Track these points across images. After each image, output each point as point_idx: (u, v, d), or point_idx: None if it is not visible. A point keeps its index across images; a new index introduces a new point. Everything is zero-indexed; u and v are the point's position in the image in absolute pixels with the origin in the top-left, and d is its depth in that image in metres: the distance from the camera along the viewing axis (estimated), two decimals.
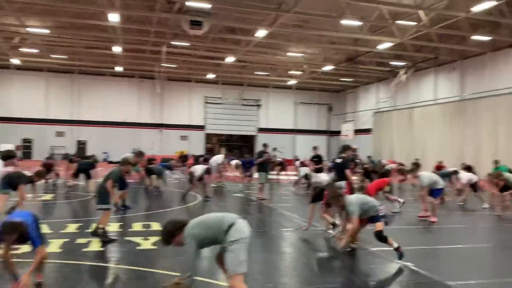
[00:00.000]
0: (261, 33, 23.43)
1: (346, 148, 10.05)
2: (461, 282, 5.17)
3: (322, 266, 6.20)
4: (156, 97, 38.73)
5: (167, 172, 15.93)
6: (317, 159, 15.40)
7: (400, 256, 5.96)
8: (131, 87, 39.05)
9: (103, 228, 7.03)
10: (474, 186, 12.43)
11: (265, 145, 13.69)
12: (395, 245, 6.03)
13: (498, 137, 24.69)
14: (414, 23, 21.87)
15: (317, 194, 8.05)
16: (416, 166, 10.83)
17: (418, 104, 32.18)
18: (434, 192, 9.91)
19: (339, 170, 9.53)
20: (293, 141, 42.47)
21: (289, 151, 39.19)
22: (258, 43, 26.71)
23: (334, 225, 7.69)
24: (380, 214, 6.22)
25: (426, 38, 24.82)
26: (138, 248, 6.70)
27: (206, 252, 4.35)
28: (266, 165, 13.51)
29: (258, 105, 42.28)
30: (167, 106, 39.72)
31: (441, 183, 10.05)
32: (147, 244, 6.89)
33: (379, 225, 6.15)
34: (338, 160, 9.79)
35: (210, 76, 37.38)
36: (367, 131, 38.05)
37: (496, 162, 16.44)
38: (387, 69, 33.09)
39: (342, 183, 9.25)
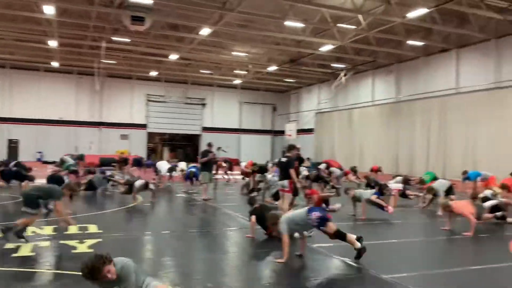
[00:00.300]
0: (205, 31, 23.25)
1: (291, 147, 10.18)
2: (394, 275, 5.42)
3: (265, 265, 6.24)
4: (95, 94, 37.19)
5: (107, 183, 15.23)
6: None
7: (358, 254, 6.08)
8: (68, 84, 37.22)
9: (20, 227, 6.74)
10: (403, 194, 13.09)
11: (209, 144, 13.56)
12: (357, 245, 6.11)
13: (430, 138, 26.23)
14: (353, 27, 22.66)
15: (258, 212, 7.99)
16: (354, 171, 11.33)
17: (357, 105, 33.42)
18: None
19: (284, 169, 9.64)
20: (238, 140, 42.59)
21: (234, 151, 39.31)
22: (202, 41, 26.48)
23: None
24: (314, 224, 6.15)
25: (365, 41, 25.82)
26: (73, 251, 6.41)
27: None
28: (210, 165, 13.42)
29: (203, 104, 41.94)
30: (106, 103, 38.27)
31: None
32: (83, 247, 6.61)
33: (331, 226, 6.18)
34: (283, 159, 9.92)
35: (153, 73, 36.52)
36: (309, 131, 38.98)
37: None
38: (329, 71, 34.06)
39: (285, 182, 9.38)
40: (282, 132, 41.66)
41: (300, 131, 39.25)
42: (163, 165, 17.62)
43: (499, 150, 21.33)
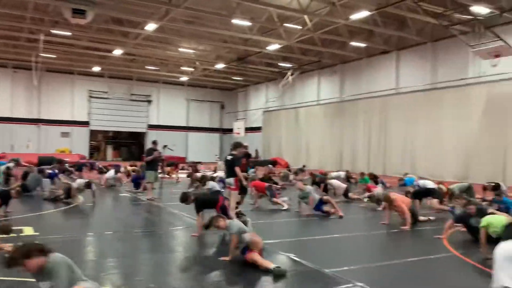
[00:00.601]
0: (150, 26, 22.73)
1: (237, 145, 10.14)
2: (336, 269, 5.58)
3: (210, 263, 6.20)
4: (33, 89, 35.14)
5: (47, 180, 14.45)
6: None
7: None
8: (3, 78, 35.01)
9: None
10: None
11: (154, 142, 13.24)
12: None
13: (371, 136, 27.30)
14: (299, 27, 23.07)
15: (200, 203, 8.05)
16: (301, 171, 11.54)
17: (303, 104, 34.10)
18: None
19: (229, 167, 9.60)
20: (185, 138, 42.07)
21: (181, 149, 38.76)
22: (148, 37, 25.87)
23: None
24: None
25: (310, 42, 26.38)
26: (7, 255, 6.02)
27: None
28: (155, 164, 13.13)
29: (149, 101, 41.01)
30: (45, 100, 36.38)
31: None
32: None
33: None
34: (229, 157, 9.87)
35: (96, 68, 35.18)
36: (257, 129, 39.27)
37: (361, 174, 17.54)
38: (276, 70, 34.47)
39: (231, 180, 9.37)
40: (230, 130, 41.66)
41: (248, 129, 39.44)
42: (110, 173, 16.96)
43: (435, 147, 22.61)
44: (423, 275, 5.71)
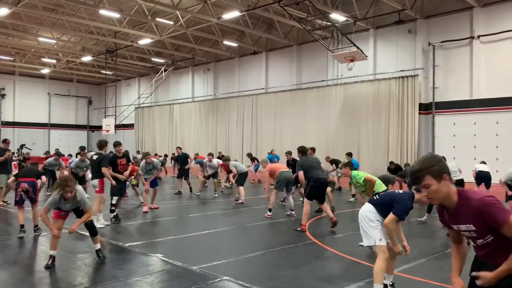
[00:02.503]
0: (2, 11, 20.21)
1: (103, 143, 9.53)
2: (203, 265, 5.66)
3: (73, 264, 5.78)
4: None
5: None
6: None
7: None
8: None
9: None
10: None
11: (5, 141, 11.80)
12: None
13: (244, 131, 28.30)
14: (171, 23, 22.74)
15: None
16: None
17: (177, 101, 33.76)
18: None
19: (96, 168, 9.00)
20: (47, 136, 38.44)
21: (43, 148, 35.31)
22: (0, 23, 23.01)
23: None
24: None
25: (184, 38, 26.22)
26: None
27: None
28: (7, 165, 11.71)
29: (2, 95, 36.50)
30: None
31: None
32: None
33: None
34: (95, 157, 9.27)
35: None
36: (130, 126, 37.68)
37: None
38: (149, 65, 33.50)
39: (95, 182, 8.84)
40: (99, 127, 39.23)
41: (120, 126, 37.60)
42: None
43: (300, 140, 24.28)
44: (285, 262, 6.09)
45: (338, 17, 20.12)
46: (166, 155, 22.06)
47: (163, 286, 4.97)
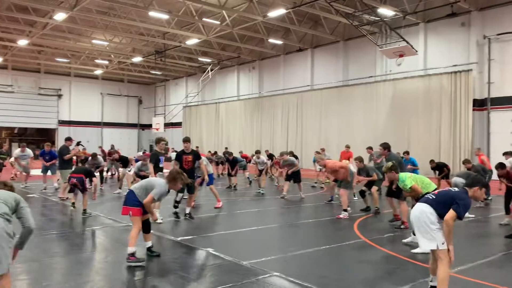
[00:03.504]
0: (60, 16, 21.32)
1: (156, 140, 9.83)
2: (253, 261, 5.74)
3: (126, 263, 6.04)
4: None
5: None
6: None
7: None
8: None
9: None
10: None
11: (69, 139, 12.59)
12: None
13: (289, 129, 28.25)
14: (218, 22, 23.09)
15: None
16: None
17: (223, 99, 34.24)
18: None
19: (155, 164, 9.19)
20: (100, 134, 40.18)
21: (96, 146, 36.97)
22: (57, 27, 24.30)
23: None
24: None
25: (229, 37, 26.53)
26: None
27: None
28: (71, 162, 12.46)
29: (59, 95, 38.51)
30: None
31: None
32: None
33: None
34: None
35: None
36: (177, 124, 38.67)
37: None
38: (196, 64, 34.18)
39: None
40: (149, 126, 40.58)
41: (169, 125, 38.71)
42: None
43: (346, 139, 23.93)
44: (332, 261, 6.06)
45: (386, 11, 19.64)
46: (216, 152, 22.71)
47: (215, 280, 5.09)
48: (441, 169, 14.29)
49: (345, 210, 9.59)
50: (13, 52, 30.63)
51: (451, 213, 4.13)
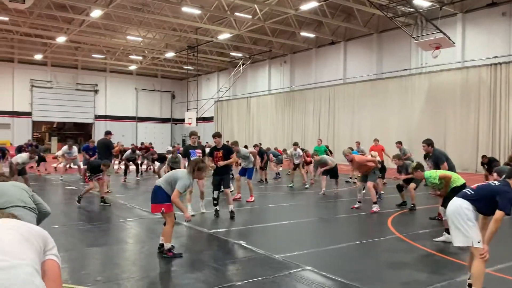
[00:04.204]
0: (96, 13, 21.89)
1: (189, 134, 10.01)
2: (285, 254, 5.74)
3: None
4: None
5: None
6: None
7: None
8: None
9: None
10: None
11: (109, 133, 12.92)
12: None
13: (320, 123, 27.98)
14: (249, 16, 23.08)
15: None
16: None
17: (254, 94, 34.27)
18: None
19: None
20: (134, 129, 41.08)
21: (131, 139, 37.83)
22: (94, 24, 24.93)
23: None
24: None
25: (261, 31, 26.48)
26: None
27: None
28: (111, 155, 12.89)
29: (96, 91, 39.60)
30: None
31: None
32: None
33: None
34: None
35: (38, 56, 33.48)
36: (209, 119, 39.02)
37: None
38: (227, 59, 34.33)
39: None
40: (182, 120, 41.13)
41: (200, 119, 39.09)
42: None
43: (380, 134, 23.47)
44: (365, 256, 5.99)
45: (422, 2, 19.09)
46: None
47: (248, 272, 5.13)
48: (491, 165, 13.71)
49: (375, 203, 9.46)
50: (52, 49, 31.69)
51: (498, 213, 3.95)
